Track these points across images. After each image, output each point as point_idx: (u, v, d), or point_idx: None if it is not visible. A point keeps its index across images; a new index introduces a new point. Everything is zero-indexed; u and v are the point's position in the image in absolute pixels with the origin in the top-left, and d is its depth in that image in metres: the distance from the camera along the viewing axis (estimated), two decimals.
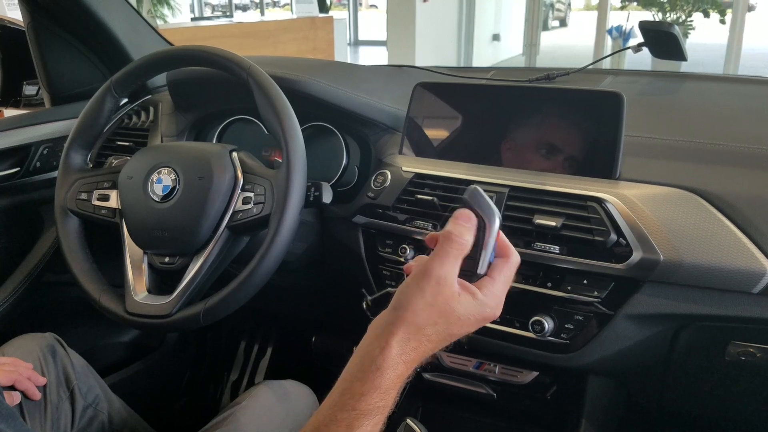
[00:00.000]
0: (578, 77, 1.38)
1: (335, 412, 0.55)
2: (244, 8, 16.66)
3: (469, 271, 0.61)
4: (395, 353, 0.56)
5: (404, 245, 1.07)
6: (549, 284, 0.96)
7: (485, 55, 8.64)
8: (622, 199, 0.90)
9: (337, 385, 0.58)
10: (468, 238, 0.60)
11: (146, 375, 1.60)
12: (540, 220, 0.93)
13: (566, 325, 0.96)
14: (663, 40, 1.35)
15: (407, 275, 0.62)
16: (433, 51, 7.20)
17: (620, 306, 0.92)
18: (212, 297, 0.97)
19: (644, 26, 1.38)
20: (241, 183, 1.02)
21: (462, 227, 0.60)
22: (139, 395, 1.35)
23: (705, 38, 7.90)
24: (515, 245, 0.95)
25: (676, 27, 1.33)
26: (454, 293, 0.58)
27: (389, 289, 0.66)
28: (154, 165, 1.04)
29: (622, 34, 6.74)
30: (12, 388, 0.94)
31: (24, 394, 0.96)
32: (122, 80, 1.11)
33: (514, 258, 0.64)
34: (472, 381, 1.18)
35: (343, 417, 0.54)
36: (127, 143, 1.35)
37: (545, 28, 12.06)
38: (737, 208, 0.87)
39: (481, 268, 0.62)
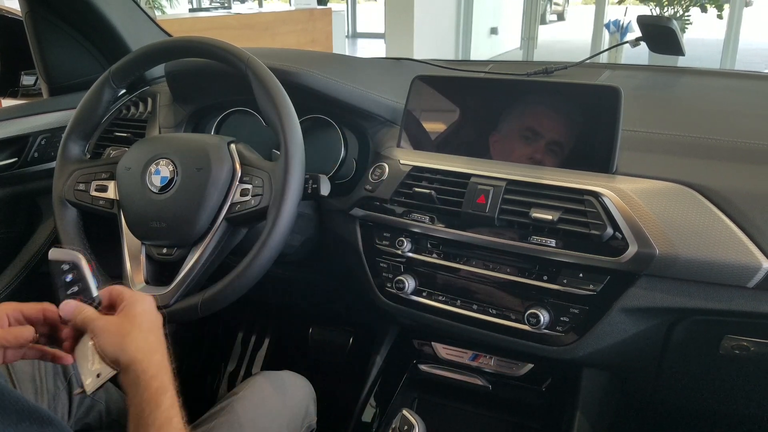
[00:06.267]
0: (576, 71, 1.38)
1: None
2: (243, 0, 16.56)
3: (89, 300, 0.79)
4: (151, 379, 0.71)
5: (401, 238, 1.07)
6: (545, 277, 0.96)
7: (483, 49, 8.61)
8: (619, 193, 0.91)
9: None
10: (88, 312, 0.76)
11: None
12: (537, 214, 0.94)
13: (562, 318, 0.96)
14: (661, 35, 1.35)
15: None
16: (431, 44, 7.17)
17: (616, 299, 0.93)
18: (210, 288, 0.98)
19: (642, 21, 1.38)
20: (239, 175, 1.02)
21: (79, 308, 0.76)
22: None
23: (702, 34, 7.89)
24: (511, 239, 0.97)
25: (674, 22, 1.33)
26: (102, 326, 0.74)
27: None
28: (153, 156, 1.04)
29: (620, 29, 6.72)
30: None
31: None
32: (120, 71, 1.11)
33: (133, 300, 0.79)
34: (468, 373, 1.19)
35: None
36: (125, 134, 1.35)
37: (543, 22, 12.00)
38: (733, 202, 0.87)
39: (94, 292, 0.80)
